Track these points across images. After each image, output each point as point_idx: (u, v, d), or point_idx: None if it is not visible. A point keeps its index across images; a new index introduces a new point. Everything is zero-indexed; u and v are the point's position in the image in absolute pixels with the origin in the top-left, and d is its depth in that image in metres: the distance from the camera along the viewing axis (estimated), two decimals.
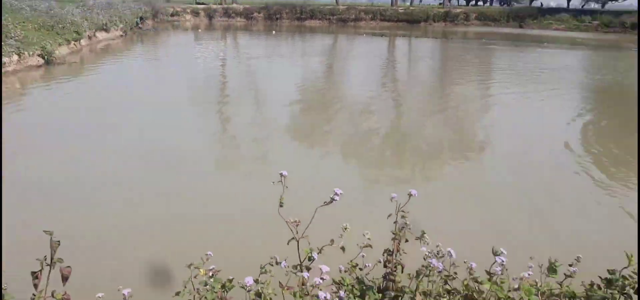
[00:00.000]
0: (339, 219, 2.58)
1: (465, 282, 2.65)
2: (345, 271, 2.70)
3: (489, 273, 2.49)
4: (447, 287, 2.72)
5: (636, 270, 2.32)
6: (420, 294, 2.51)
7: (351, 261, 2.73)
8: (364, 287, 2.60)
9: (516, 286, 2.49)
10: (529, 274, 2.51)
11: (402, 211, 2.74)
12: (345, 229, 2.36)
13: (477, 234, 5.55)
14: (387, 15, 50.88)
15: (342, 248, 2.37)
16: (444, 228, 5.50)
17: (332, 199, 2.25)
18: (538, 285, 2.45)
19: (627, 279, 2.31)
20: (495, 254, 2.52)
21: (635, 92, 15.15)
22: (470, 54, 27.06)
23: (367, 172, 8.01)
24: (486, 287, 2.51)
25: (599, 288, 2.34)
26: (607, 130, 10.70)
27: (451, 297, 2.62)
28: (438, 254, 2.63)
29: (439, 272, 2.66)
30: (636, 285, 2.31)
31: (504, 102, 13.77)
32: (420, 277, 2.55)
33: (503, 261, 2.45)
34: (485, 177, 7.75)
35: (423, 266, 2.54)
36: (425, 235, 2.73)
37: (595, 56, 27.04)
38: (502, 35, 39.57)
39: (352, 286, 2.57)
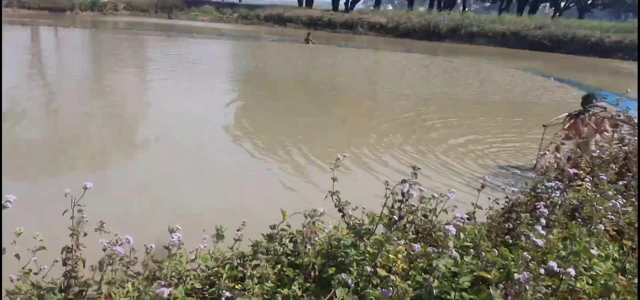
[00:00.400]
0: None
1: (144, 263, 2.85)
2: (18, 279, 2.55)
3: (167, 248, 2.73)
4: (130, 272, 2.86)
5: (290, 223, 2.94)
6: (105, 284, 2.58)
7: (23, 268, 2.59)
8: (42, 291, 2.52)
9: (193, 257, 2.82)
10: (204, 247, 2.86)
11: (79, 205, 2.73)
12: (19, 234, 2.25)
13: (149, 218, 5.69)
14: (26, 3, 45.83)
15: (17, 256, 2.24)
16: (117, 216, 5.46)
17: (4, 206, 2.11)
18: (211, 252, 2.85)
19: (284, 230, 2.92)
20: (171, 231, 2.78)
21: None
22: (124, 43, 26.46)
23: (26, 170, 7.18)
24: (166, 264, 2.76)
25: (263, 243, 2.88)
26: (245, 110, 12.23)
27: (135, 280, 2.78)
28: (117, 242, 2.74)
29: (121, 259, 2.77)
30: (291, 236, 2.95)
31: (160, 88, 14.19)
32: (104, 267, 2.61)
33: (179, 237, 2.73)
34: (147, 163, 7.92)
35: (106, 256, 2.61)
36: (103, 225, 2.80)
37: (238, 46, 30.12)
38: (153, 25, 39.97)
39: (30, 294, 2.47)
